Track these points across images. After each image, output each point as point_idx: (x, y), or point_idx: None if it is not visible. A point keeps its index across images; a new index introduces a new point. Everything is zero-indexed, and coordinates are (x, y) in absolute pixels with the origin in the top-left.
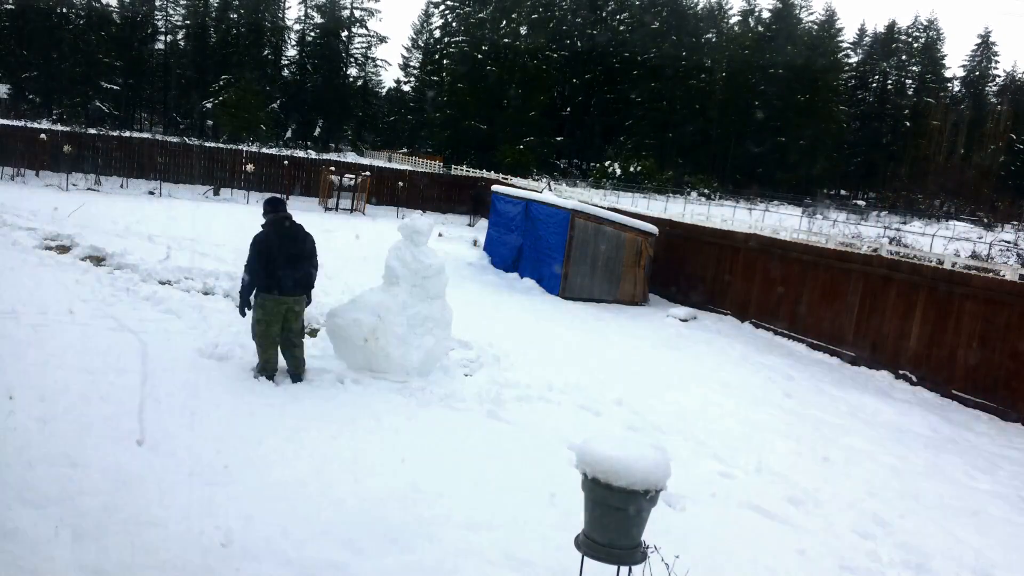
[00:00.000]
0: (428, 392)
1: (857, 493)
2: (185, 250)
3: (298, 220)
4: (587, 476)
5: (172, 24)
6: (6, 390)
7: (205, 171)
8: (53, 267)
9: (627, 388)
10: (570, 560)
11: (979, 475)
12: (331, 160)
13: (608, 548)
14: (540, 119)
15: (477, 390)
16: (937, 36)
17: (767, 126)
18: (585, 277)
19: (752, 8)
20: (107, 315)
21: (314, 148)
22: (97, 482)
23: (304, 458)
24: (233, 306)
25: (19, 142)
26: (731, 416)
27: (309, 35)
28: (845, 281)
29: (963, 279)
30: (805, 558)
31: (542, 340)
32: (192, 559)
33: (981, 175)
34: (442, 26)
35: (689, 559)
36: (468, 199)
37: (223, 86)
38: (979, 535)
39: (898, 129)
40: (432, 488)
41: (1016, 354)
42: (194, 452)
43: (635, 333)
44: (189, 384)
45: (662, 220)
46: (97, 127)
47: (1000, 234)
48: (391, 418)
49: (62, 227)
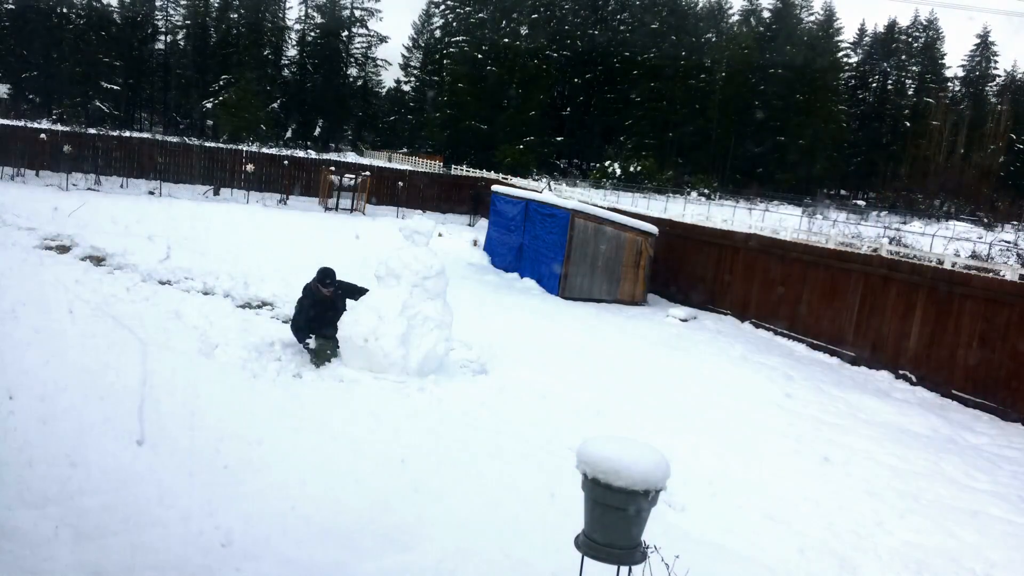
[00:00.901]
0: (428, 392)
1: (857, 493)
2: (185, 250)
3: (297, 221)
4: (587, 476)
5: (172, 24)
6: (6, 390)
7: (205, 171)
8: (53, 267)
9: (627, 388)
10: (570, 560)
11: (979, 475)
12: (331, 160)
13: (608, 548)
14: (540, 119)
15: (477, 390)
16: (937, 36)
17: (767, 126)
18: (585, 277)
19: (752, 8)
20: (107, 315)
21: (314, 148)
22: (97, 482)
23: (304, 458)
24: (233, 306)
25: (19, 142)
26: (731, 416)
27: (309, 35)
28: (845, 281)
29: (963, 279)
30: (805, 558)
31: (542, 340)
32: (192, 559)
33: (981, 175)
34: (442, 26)
35: (689, 559)
36: (468, 199)
37: (223, 86)
38: (979, 535)
39: (898, 129)
40: (432, 487)
41: (1016, 354)
42: (194, 452)
43: (635, 333)
44: (189, 384)
45: (662, 220)
46: (97, 127)
47: (1000, 234)
48: (391, 418)
49: (62, 227)
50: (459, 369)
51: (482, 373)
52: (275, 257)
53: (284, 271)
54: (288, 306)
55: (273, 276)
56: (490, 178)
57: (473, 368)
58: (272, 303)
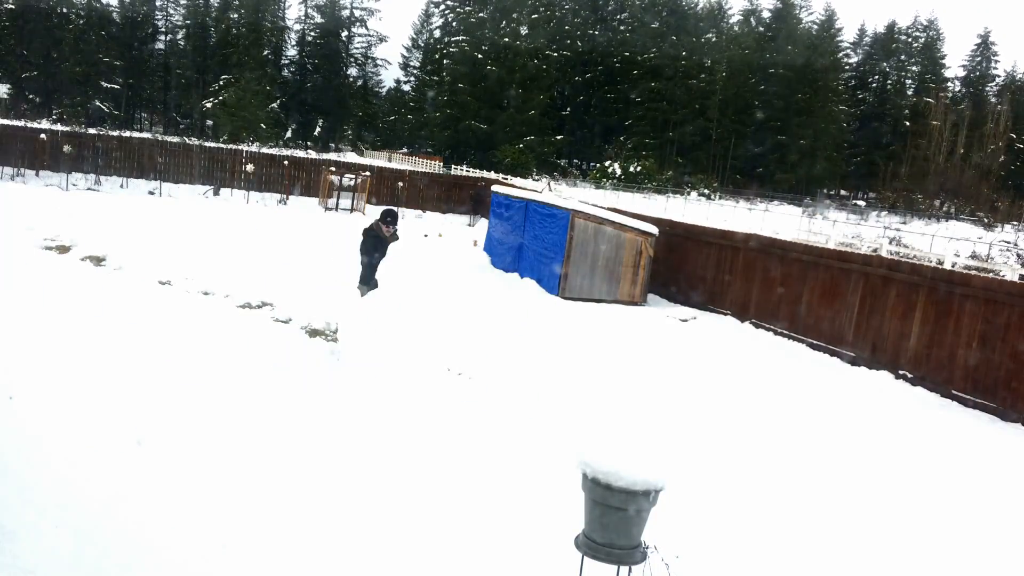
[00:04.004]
0: (429, 392)
1: (856, 493)
2: (185, 250)
3: (297, 221)
4: (587, 476)
5: (172, 24)
6: (6, 390)
7: (205, 171)
8: (53, 267)
9: (626, 388)
10: (570, 560)
11: (979, 475)
12: (331, 160)
13: (608, 548)
14: (540, 119)
15: (477, 389)
16: (937, 36)
17: (767, 126)
18: (585, 277)
19: (752, 8)
20: (107, 314)
21: (314, 148)
22: (97, 482)
23: (304, 455)
24: (233, 306)
25: (19, 142)
26: (731, 417)
27: (309, 35)
28: (845, 281)
29: (963, 279)
30: (805, 558)
31: (542, 340)
32: (192, 559)
33: (981, 175)
34: (442, 26)
35: (689, 559)
36: (468, 199)
37: (223, 86)
38: (979, 535)
39: (898, 129)
40: (433, 487)
41: (1016, 354)
42: (194, 452)
43: (635, 333)
44: (189, 384)
45: (662, 220)
46: (97, 127)
47: (1000, 234)
48: (392, 418)
49: (62, 227)
50: (460, 369)
51: (482, 373)
52: (275, 257)
53: (284, 271)
54: (287, 306)
55: (273, 276)
56: (490, 178)
57: (474, 368)
58: (272, 303)
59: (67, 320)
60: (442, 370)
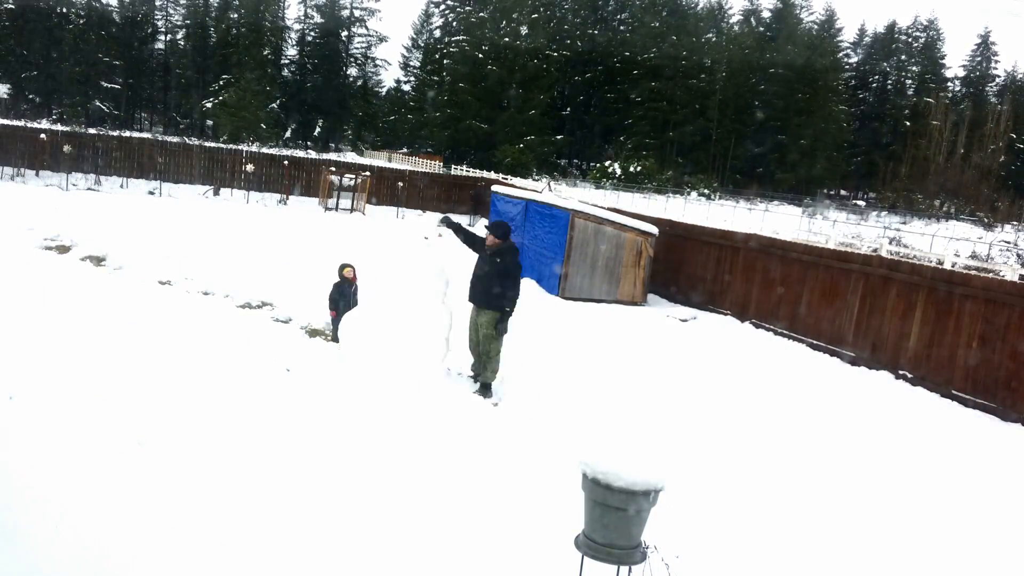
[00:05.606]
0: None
1: (856, 493)
2: (185, 250)
3: (297, 221)
4: (587, 476)
5: (172, 24)
6: (6, 390)
7: (205, 171)
8: (53, 267)
9: (625, 388)
10: (570, 560)
11: (979, 475)
12: (331, 160)
13: (608, 548)
14: (540, 119)
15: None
16: (937, 36)
17: (767, 126)
18: (585, 277)
19: (752, 8)
20: (107, 314)
21: (314, 148)
22: (98, 482)
23: (304, 456)
24: (233, 306)
25: (19, 142)
26: (731, 417)
27: (309, 35)
28: (845, 281)
29: (963, 279)
30: (805, 558)
31: (541, 340)
32: (193, 559)
33: (981, 175)
34: (442, 26)
35: (689, 559)
36: (468, 199)
37: (223, 86)
38: (979, 535)
39: (898, 129)
40: (433, 486)
41: (1016, 354)
42: (195, 452)
43: (634, 333)
44: (189, 384)
45: (662, 220)
46: (97, 127)
47: (1000, 234)
48: (391, 418)
49: (62, 227)
50: (460, 369)
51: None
52: (275, 257)
53: (284, 271)
54: (287, 306)
55: (273, 276)
56: (490, 178)
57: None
58: (272, 303)
59: (67, 320)
60: (442, 370)
